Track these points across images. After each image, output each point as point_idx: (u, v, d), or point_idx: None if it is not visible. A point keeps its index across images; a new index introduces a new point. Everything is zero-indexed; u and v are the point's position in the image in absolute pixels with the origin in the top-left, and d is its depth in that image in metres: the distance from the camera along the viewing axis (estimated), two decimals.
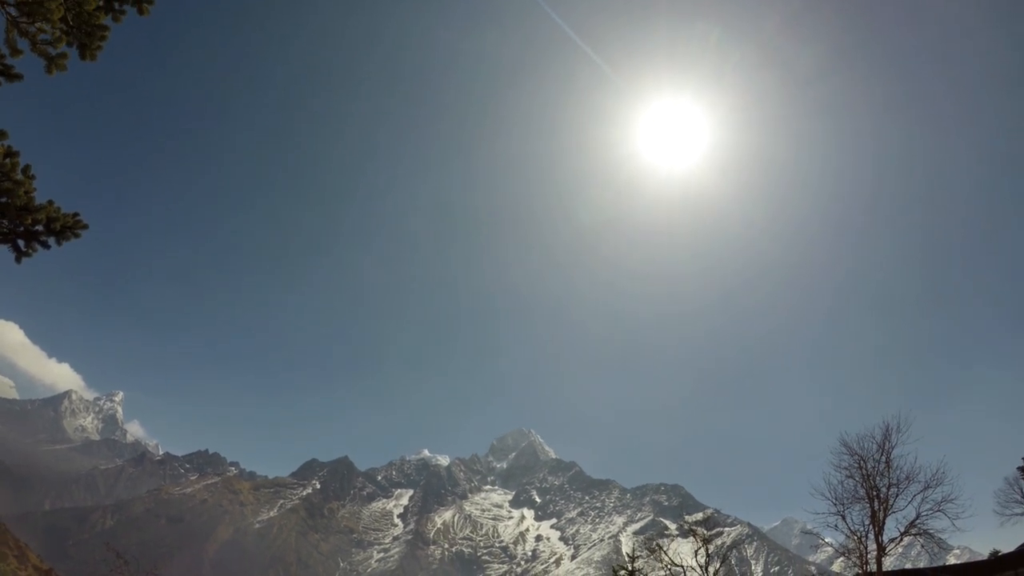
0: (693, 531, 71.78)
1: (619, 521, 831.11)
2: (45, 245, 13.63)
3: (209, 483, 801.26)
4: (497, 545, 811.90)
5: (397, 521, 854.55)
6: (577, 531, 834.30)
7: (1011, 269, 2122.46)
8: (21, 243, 13.47)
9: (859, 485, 51.03)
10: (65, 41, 13.81)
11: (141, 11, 15.05)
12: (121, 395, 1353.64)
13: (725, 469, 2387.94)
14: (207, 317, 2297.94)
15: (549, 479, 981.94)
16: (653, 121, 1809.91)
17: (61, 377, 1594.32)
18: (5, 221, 13.33)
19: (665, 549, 70.04)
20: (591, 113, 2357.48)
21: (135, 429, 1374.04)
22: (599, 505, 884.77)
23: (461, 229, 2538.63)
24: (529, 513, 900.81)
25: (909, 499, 49.58)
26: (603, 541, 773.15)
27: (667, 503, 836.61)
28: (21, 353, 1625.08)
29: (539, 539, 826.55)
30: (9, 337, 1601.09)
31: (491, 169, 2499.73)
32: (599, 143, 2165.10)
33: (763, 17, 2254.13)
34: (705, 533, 69.64)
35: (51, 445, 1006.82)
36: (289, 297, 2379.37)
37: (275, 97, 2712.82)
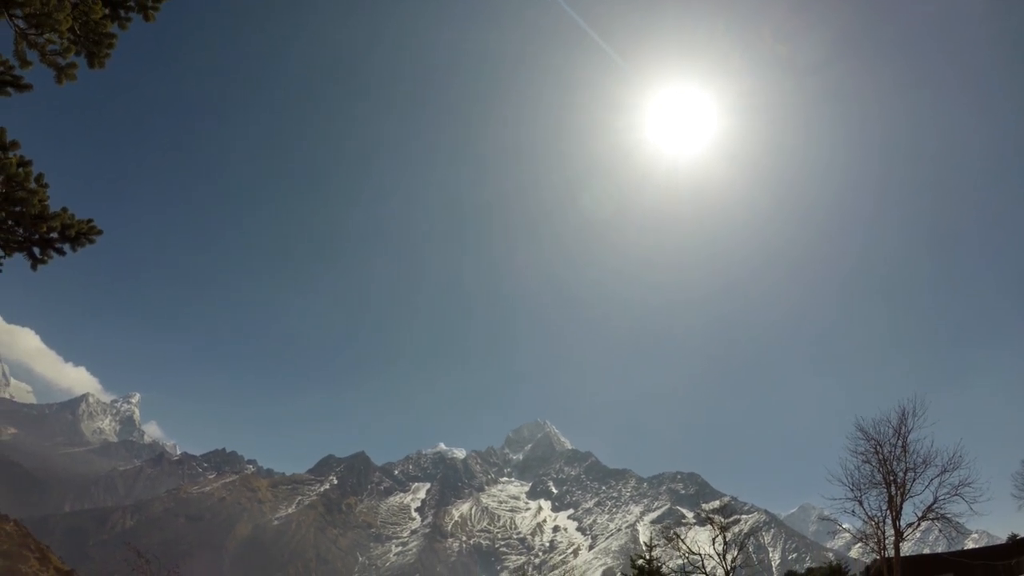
0: (710, 519, 71.80)
1: (636, 510, 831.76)
2: (60, 252, 13.79)
3: (227, 481, 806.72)
4: (515, 537, 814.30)
5: (415, 515, 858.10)
6: (594, 521, 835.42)
7: (1022, 252, 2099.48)
8: (36, 251, 13.68)
9: (876, 470, 50.70)
10: (74, 51, 13.99)
11: (147, 17, 15.21)
12: (138, 397, 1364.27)
13: (741, 457, 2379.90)
14: (221, 317, 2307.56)
15: (565, 470, 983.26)
16: (660, 109, 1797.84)
17: (78, 381, 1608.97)
18: (20, 229, 13.56)
19: (683, 537, 70.18)
20: (598, 101, 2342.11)
21: (153, 430, 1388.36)
22: (616, 495, 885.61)
23: (470, 222, 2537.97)
24: (546, 504, 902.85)
25: (926, 483, 49.33)
26: (620, 531, 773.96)
27: (684, 491, 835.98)
28: (38, 358, 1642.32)
29: (556, 530, 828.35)
30: (25, 343, 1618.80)
31: (498, 161, 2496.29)
32: (607, 131, 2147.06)
33: (771, 3, 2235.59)
34: (722, 521, 69.68)
35: (69, 448, 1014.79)
36: (302, 295, 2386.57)
37: (280, 97, 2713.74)
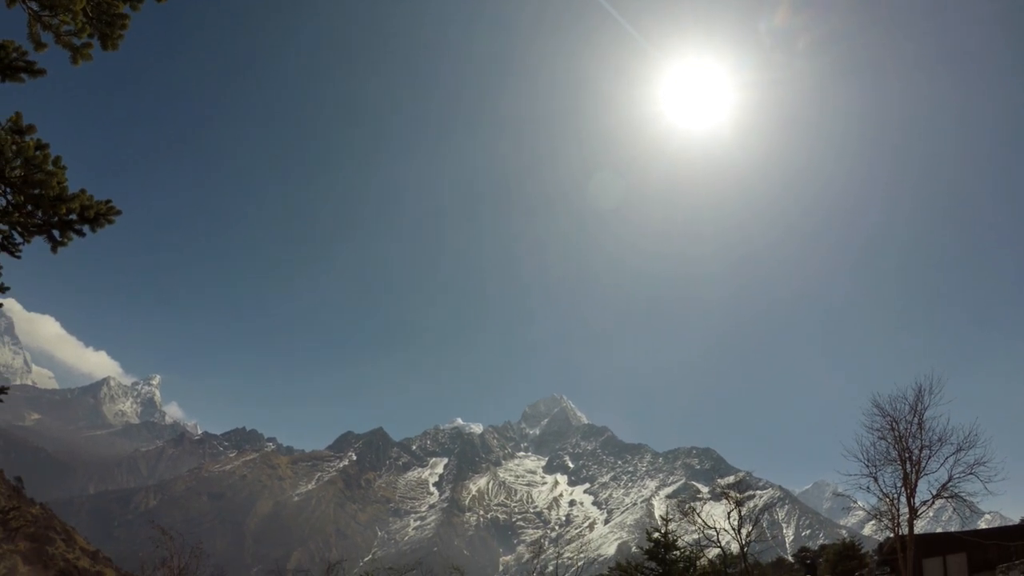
0: (726, 494, 71.93)
1: (651, 485, 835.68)
2: (80, 233, 13.85)
3: (248, 459, 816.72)
4: (531, 511, 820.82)
5: (433, 489, 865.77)
6: (610, 495, 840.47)
7: None
8: (56, 233, 13.75)
9: (891, 446, 50.49)
10: (88, 31, 13.97)
11: None
12: (158, 378, 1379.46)
13: (756, 433, 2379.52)
14: (238, 297, 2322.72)
15: (582, 444, 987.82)
16: (677, 81, 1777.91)
17: (99, 365, 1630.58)
18: (39, 212, 13.62)
19: (698, 512, 70.43)
20: (613, 74, 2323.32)
21: (173, 411, 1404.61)
22: (631, 469, 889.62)
23: (485, 196, 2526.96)
24: (562, 478, 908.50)
25: (941, 461, 49.12)
26: (636, 505, 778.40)
27: (699, 467, 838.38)
28: (59, 345, 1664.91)
29: (573, 504, 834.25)
30: (46, 330, 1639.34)
31: (513, 135, 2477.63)
32: (622, 105, 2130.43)
33: None
34: (737, 496, 69.86)
35: (92, 431, 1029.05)
36: (319, 273, 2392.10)
37: (294, 74, 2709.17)
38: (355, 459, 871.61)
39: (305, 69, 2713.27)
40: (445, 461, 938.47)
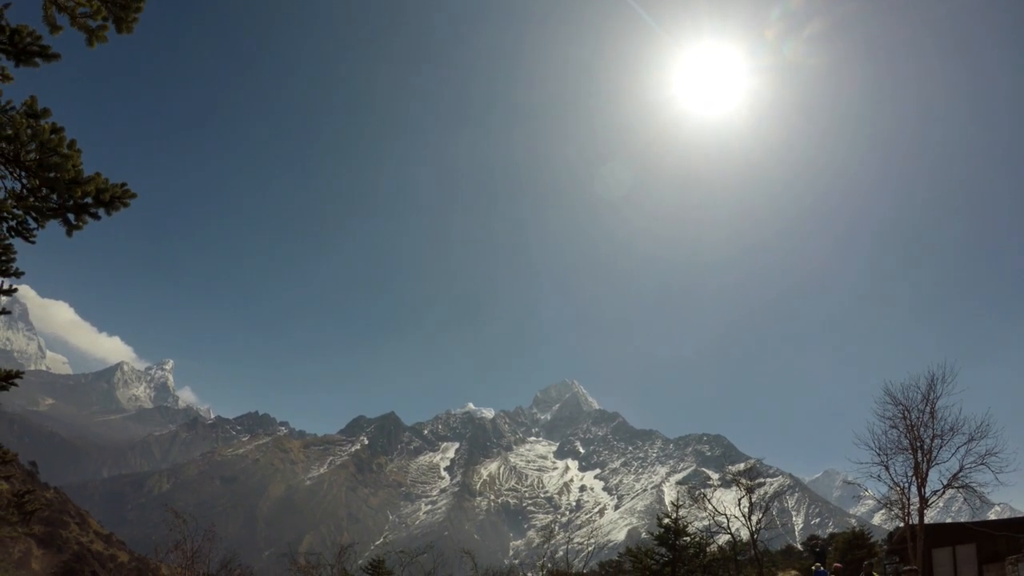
0: (737, 481, 71.94)
1: (662, 471, 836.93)
2: (95, 216, 13.86)
3: (260, 443, 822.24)
4: (542, 496, 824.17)
5: (444, 474, 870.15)
6: (620, 481, 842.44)
7: None
8: (71, 216, 13.78)
9: (903, 435, 50.36)
10: (103, 13, 13.95)
11: None
12: (171, 363, 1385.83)
13: (767, 420, 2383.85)
14: (251, 282, 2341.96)
15: (593, 430, 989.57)
16: (691, 66, 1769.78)
17: (112, 350, 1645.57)
18: (55, 196, 13.65)
19: (708, 498, 70.48)
20: (627, 59, 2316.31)
21: (187, 395, 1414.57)
22: (642, 455, 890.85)
23: (497, 180, 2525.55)
24: (573, 464, 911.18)
25: (952, 451, 48.96)
26: (646, 491, 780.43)
27: (709, 453, 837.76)
28: (73, 331, 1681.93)
29: (583, 489, 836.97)
30: (60, 316, 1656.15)
31: (526, 119, 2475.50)
32: (635, 90, 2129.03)
33: None
34: (748, 483, 69.85)
35: (106, 416, 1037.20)
36: (331, 258, 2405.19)
37: (307, 61, 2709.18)
38: (367, 443, 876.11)
39: (319, 54, 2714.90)
40: (456, 446, 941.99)
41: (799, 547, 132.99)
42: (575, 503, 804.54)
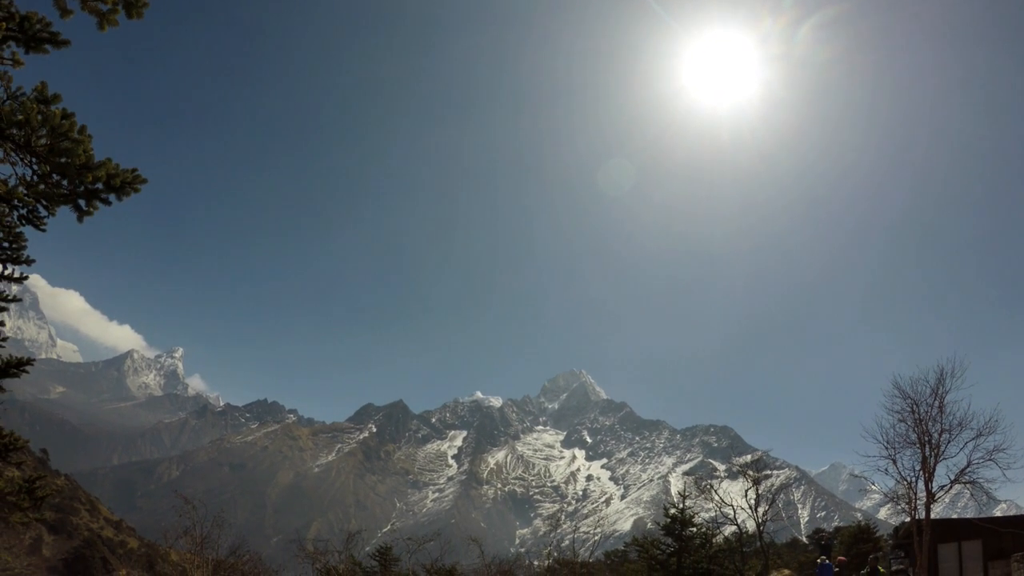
0: (743, 472, 72.01)
1: (669, 462, 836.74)
2: (106, 202, 13.91)
3: (269, 431, 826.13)
4: (549, 485, 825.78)
5: (451, 462, 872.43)
6: (627, 471, 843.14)
7: None
8: (82, 202, 13.83)
9: (911, 429, 50.12)
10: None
11: None
12: (181, 351, 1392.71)
13: (774, 413, 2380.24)
14: (259, 271, 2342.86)
15: (600, 420, 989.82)
16: (701, 56, 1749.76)
17: (122, 338, 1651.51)
18: (65, 182, 13.69)
19: (715, 489, 70.59)
20: (637, 49, 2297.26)
21: (196, 383, 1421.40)
22: (649, 446, 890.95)
23: (505, 170, 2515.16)
24: (580, 453, 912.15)
25: (960, 446, 48.73)
26: (653, 481, 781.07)
27: (716, 444, 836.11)
28: (83, 319, 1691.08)
29: (590, 479, 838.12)
30: (71, 305, 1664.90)
31: (532, 107, 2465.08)
32: (644, 80, 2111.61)
33: None
34: (755, 475, 69.91)
35: (116, 403, 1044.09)
36: (338, 246, 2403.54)
37: (314, 46, 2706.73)
38: (375, 431, 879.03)
39: (325, 39, 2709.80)
40: (464, 434, 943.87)
41: (804, 540, 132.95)
42: (581, 492, 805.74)
